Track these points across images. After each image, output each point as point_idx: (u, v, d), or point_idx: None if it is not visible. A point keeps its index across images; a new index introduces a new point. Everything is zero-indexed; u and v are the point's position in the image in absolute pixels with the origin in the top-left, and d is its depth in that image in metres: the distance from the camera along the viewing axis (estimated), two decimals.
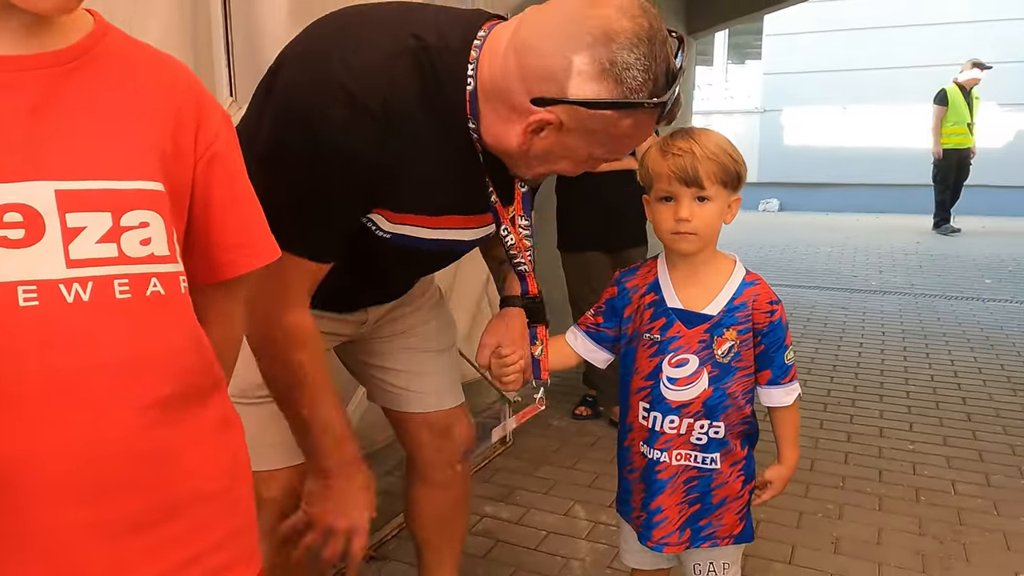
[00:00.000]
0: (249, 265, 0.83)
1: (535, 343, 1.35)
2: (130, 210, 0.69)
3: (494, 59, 1.05)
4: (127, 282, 0.69)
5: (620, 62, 0.97)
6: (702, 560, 1.44)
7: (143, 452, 0.71)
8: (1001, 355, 3.95)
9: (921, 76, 9.57)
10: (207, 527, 0.77)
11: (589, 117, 1.01)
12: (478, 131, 1.10)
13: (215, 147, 0.79)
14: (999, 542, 2.17)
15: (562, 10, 1.02)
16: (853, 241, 7.78)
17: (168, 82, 0.77)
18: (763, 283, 1.36)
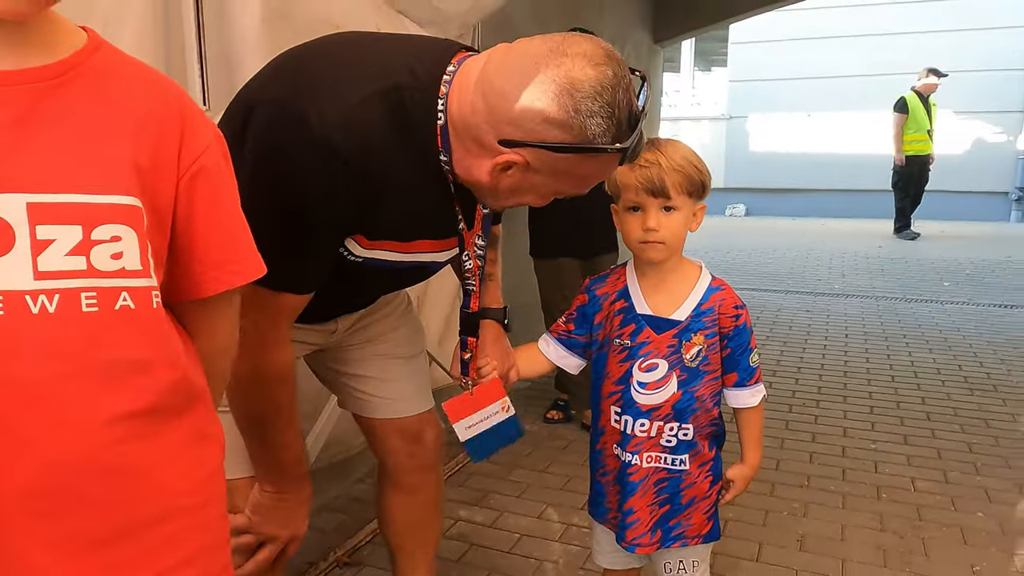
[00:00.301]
0: (232, 282, 0.83)
1: (465, 350, 1.42)
2: (101, 224, 0.69)
3: (463, 96, 1.08)
4: (95, 295, 0.69)
5: (584, 110, 1.00)
6: (672, 559, 1.48)
7: (109, 466, 0.71)
8: (958, 356, 4.08)
9: (882, 84, 9.81)
10: (175, 544, 0.77)
11: (554, 159, 1.05)
12: (450, 163, 1.13)
13: (200, 163, 0.79)
14: (956, 537, 2.25)
15: (529, 54, 1.03)
16: (817, 245, 7.95)
17: (150, 98, 0.77)
18: (728, 288, 1.41)
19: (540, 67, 1.01)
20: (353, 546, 2.21)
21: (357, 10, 1.97)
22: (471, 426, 1.45)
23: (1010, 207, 9.95)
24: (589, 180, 1.14)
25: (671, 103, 11.47)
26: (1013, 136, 9.83)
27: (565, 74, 1.00)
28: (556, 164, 1.06)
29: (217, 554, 0.83)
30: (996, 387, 3.57)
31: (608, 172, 1.14)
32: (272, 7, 1.73)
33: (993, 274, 6.33)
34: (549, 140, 1.03)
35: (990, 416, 3.20)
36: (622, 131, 1.04)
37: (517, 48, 1.06)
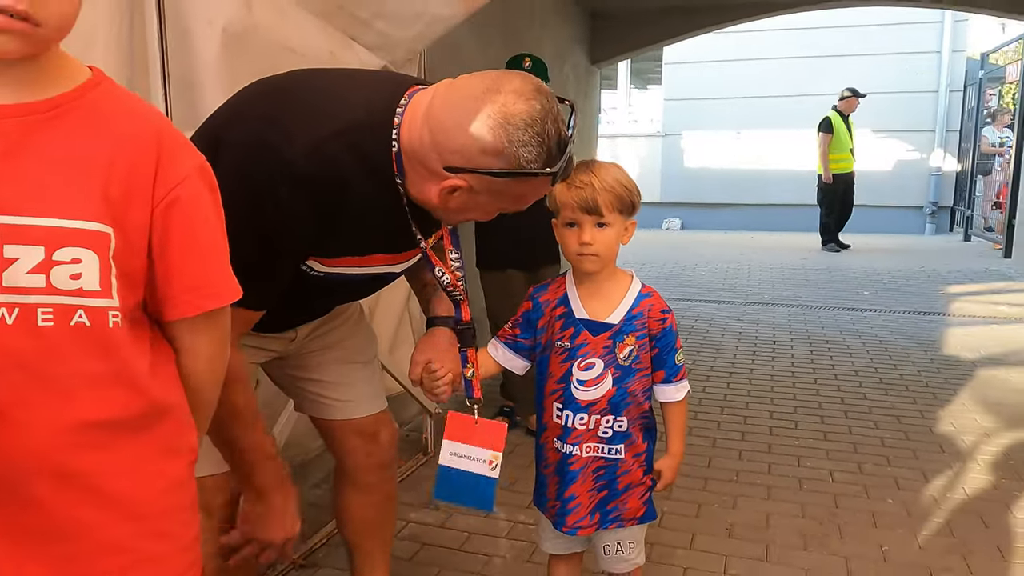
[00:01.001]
0: (205, 306, 0.88)
1: (467, 365, 1.50)
2: (64, 246, 0.75)
3: (412, 127, 1.22)
4: (51, 311, 0.76)
5: (516, 140, 1.15)
6: (611, 541, 1.62)
7: (57, 470, 0.78)
8: (875, 359, 4.37)
9: (805, 104, 10.32)
10: (126, 548, 0.83)
11: (493, 183, 1.20)
12: (404, 185, 1.27)
13: (175, 193, 0.83)
14: (868, 521, 2.46)
15: (468, 92, 1.18)
16: (747, 257, 8.30)
17: (125, 133, 0.83)
18: (656, 295, 1.57)
19: (478, 104, 1.15)
20: (309, 548, 2.29)
21: (311, 37, 2.07)
22: (455, 454, 1.51)
23: (924, 221, 10.57)
24: (527, 198, 1.29)
25: (609, 120, 11.80)
26: (926, 154, 10.46)
27: (499, 110, 1.15)
28: (495, 186, 1.21)
29: (176, 559, 0.89)
30: (907, 387, 3.85)
31: (543, 191, 1.29)
32: (231, 33, 1.83)
33: (908, 284, 6.75)
34: (487, 167, 1.17)
35: (902, 413, 3.47)
36: (552, 156, 1.19)
37: (458, 85, 1.21)
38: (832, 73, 10.08)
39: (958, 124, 10.21)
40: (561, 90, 5.52)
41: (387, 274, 1.45)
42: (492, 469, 1.51)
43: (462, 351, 1.50)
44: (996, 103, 9.81)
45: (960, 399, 3.67)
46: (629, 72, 11.99)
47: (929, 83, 10.25)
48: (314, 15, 2.11)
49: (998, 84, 9.69)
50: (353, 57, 2.22)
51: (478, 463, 1.52)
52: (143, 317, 0.87)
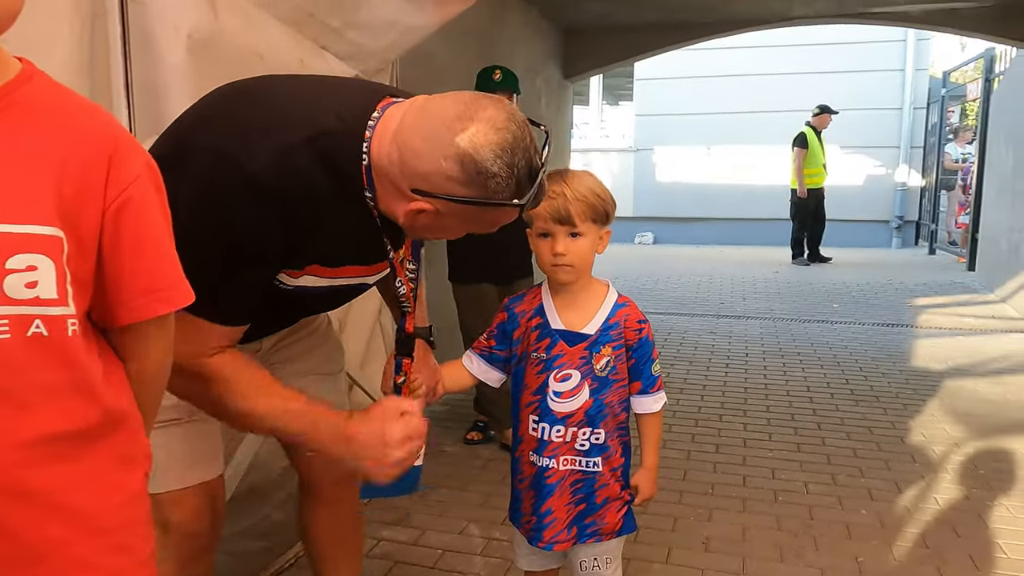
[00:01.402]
0: (159, 310, 0.85)
1: (399, 373, 1.47)
2: (17, 253, 0.71)
3: (382, 144, 1.18)
4: (7, 322, 0.71)
5: (485, 171, 1.12)
6: (587, 556, 1.59)
7: (16, 490, 0.73)
8: (846, 371, 4.41)
9: (774, 119, 10.50)
10: (88, 565, 0.79)
11: (460, 209, 1.16)
12: (374, 199, 1.23)
13: (127, 194, 0.80)
14: (843, 532, 2.46)
15: (439, 117, 1.14)
16: (719, 271, 8.37)
17: (79, 129, 0.79)
18: (633, 305, 1.55)
19: (448, 130, 1.12)
20: (277, 569, 2.22)
21: (280, 44, 2.03)
22: None
23: (891, 235, 10.76)
24: (496, 224, 1.25)
25: (581, 135, 11.87)
26: (892, 169, 10.67)
27: (469, 139, 1.12)
28: (462, 213, 1.18)
29: (135, 573, 0.85)
30: (879, 398, 3.88)
31: (512, 217, 1.24)
32: (197, 39, 1.78)
33: (876, 296, 6.85)
34: (454, 194, 1.14)
35: (873, 424, 3.49)
36: (520, 187, 1.16)
37: (430, 108, 1.17)
38: (799, 90, 10.26)
39: (922, 140, 10.44)
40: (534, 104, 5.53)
41: (359, 285, 1.41)
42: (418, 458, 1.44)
43: (397, 358, 1.46)
44: (958, 120, 10.05)
45: (930, 410, 3.70)
46: (601, 87, 12.09)
47: (893, 100, 10.47)
48: (283, 23, 2.07)
49: (959, 102, 9.93)
50: (324, 66, 2.18)
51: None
52: (90, 324, 0.83)
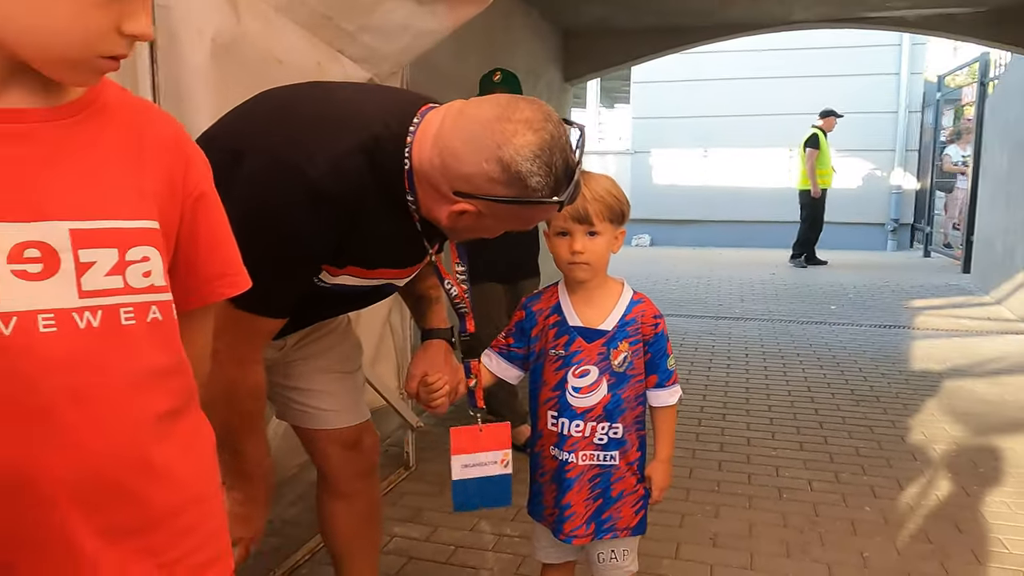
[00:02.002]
0: (227, 293, 0.93)
1: (470, 376, 1.52)
2: (134, 246, 0.78)
3: (423, 148, 1.23)
4: (132, 310, 0.78)
5: (524, 171, 1.16)
6: (604, 549, 1.63)
7: (142, 463, 0.80)
8: (846, 371, 4.46)
9: (770, 123, 10.59)
10: (192, 530, 0.86)
11: (501, 209, 1.21)
12: (416, 203, 1.28)
13: (201, 188, 0.89)
14: (848, 528, 2.50)
15: (478, 120, 1.19)
16: (716, 273, 8.42)
17: (160, 131, 0.87)
18: (648, 301, 1.59)
19: (487, 133, 1.17)
20: (292, 565, 2.25)
21: (299, 48, 2.07)
22: (467, 466, 1.53)
23: (886, 237, 10.85)
24: (533, 221, 1.31)
25: None
26: (887, 172, 10.76)
27: (508, 140, 1.16)
28: (502, 212, 1.23)
29: (222, 537, 0.92)
30: (879, 398, 3.93)
31: (550, 215, 1.31)
32: (220, 43, 1.82)
33: (873, 298, 6.91)
34: (495, 195, 1.19)
35: (874, 424, 3.54)
36: (558, 184, 1.21)
37: (468, 112, 1.21)
38: (795, 93, 10.36)
39: (917, 143, 10.53)
40: None
41: (388, 286, 1.45)
42: (505, 466, 1.54)
43: (465, 362, 1.51)
44: (952, 123, 10.13)
45: (929, 409, 3.75)
46: (599, 90, 12.16)
47: (889, 104, 10.55)
48: (301, 26, 2.11)
49: (954, 105, 10.01)
50: (339, 69, 2.22)
51: (491, 466, 1.56)
52: None
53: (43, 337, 0.72)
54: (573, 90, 7.11)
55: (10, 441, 0.72)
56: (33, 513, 0.73)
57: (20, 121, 0.75)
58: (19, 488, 0.72)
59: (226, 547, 0.93)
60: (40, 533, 0.74)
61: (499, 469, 1.53)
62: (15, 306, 0.71)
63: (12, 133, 0.74)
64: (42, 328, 0.72)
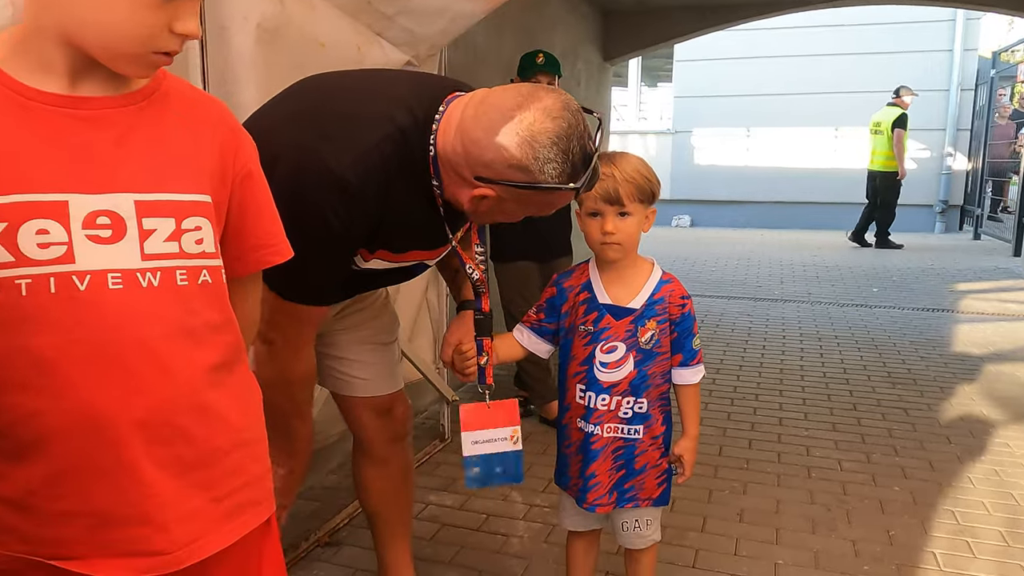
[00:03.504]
0: (272, 260, 1.03)
1: (482, 354, 1.58)
2: (188, 216, 0.89)
3: (447, 135, 1.30)
4: (185, 272, 0.88)
5: (542, 157, 1.23)
6: (628, 518, 1.69)
7: (198, 406, 0.90)
8: (884, 354, 4.42)
9: (819, 102, 10.37)
10: (239, 470, 0.96)
11: (520, 194, 1.28)
12: (440, 188, 1.36)
13: (248, 167, 0.99)
14: (875, 507, 2.52)
15: (499, 108, 1.25)
16: (757, 254, 8.35)
17: (214, 116, 0.97)
18: (676, 281, 1.63)
19: (507, 120, 1.23)
20: (332, 527, 2.37)
21: (340, 32, 2.14)
22: (477, 442, 1.58)
23: (934, 219, 10.58)
24: (552, 206, 1.36)
25: (619, 117, 11.83)
26: (937, 153, 10.47)
27: (527, 127, 1.22)
28: (521, 197, 1.29)
29: (266, 481, 1.02)
30: (915, 381, 3.91)
31: (568, 200, 1.36)
32: (266, 28, 1.90)
33: (917, 281, 6.79)
34: (514, 180, 1.25)
35: (909, 406, 3.52)
36: (575, 172, 1.27)
37: (490, 100, 1.28)
38: (843, 71, 10.12)
39: (969, 122, 10.21)
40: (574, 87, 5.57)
41: (419, 265, 1.53)
42: (515, 443, 1.59)
43: (478, 339, 1.57)
44: (1009, 101, 9.77)
45: (967, 393, 3.72)
46: (640, 69, 12.02)
47: (940, 81, 10.25)
48: (341, 10, 2.18)
49: (1010, 83, 9.67)
50: (379, 52, 2.29)
51: (501, 442, 1.60)
52: None
53: (112, 293, 0.83)
54: (614, 69, 7.07)
55: (88, 384, 0.82)
56: (106, 447, 0.83)
57: (94, 108, 0.85)
58: (96, 426, 0.82)
59: (269, 492, 1.02)
60: (110, 465, 0.84)
61: (509, 446, 1.57)
62: (89, 265, 0.81)
63: (87, 118, 0.84)
64: (111, 285, 0.83)
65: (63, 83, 0.83)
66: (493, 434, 1.60)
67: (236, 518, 0.95)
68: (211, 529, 0.91)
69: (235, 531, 0.94)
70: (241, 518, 0.96)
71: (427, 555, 2.22)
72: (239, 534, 0.95)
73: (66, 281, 0.80)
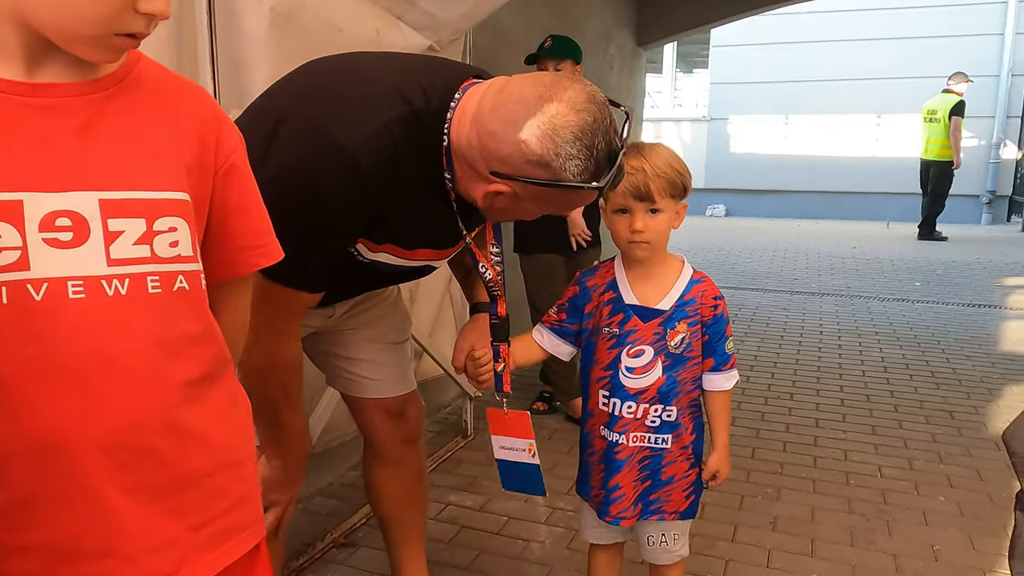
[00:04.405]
0: (259, 263, 0.94)
1: (498, 360, 1.50)
2: (161, 216, 0.80)
3: (462, 125, 1.20)
4: (158, 279, 0.80)
5: (564, 154, 1.12)
6: (654, 532, 1.59)
7: (172, 426, 0.82)
8: (927, 352, 4.24)
9: (858, 88, 10.05)
10: (222, 494, 0.88)
11: (538, 191, 1.17)
12: (452, 181, 1.25)
13: (231, 160, 0.90)
14: (918, 519, 2.39)
15: (519, 98, 1.15)
16: (794, 246, 8.13)
17: (193, 106, 0.88)
18: (708, 280, 1.52)
19: (528, 113, 1.13)
20: (349, 527, 2.31)
21: (358, 15, 2.06)
22: (504, 447, 1.54)
23: (981, 210, 10.21)
24: (572, 205, 1.27)
25: (653, 104, 11.62)
26: (986, 141, 10.08)
27: (548, 120, 1.12)
28: (540, 195, 1.19)
29: (253, 503, 0.94)
30: (961, 381, 3.73)
31: (590, 200, 1.25)
32: (279, 12, 1.82)
33: (963, 275, 6.54)
34: (533, 177, 1.15)
35: (954, 409, 3.36)
36: (599, 170, 1.16)
37: (509, 89, 1.17)
38: (887, 56, 9.78)
39: (1020, 110, 9.81)
40: (606, 73, 5.41)
41: (425, 266, 1.45)
42: (532, 456, 1.53)
43: (494, 345, 1.49)
44: None
45: (1017, 395, 3.53)
46: (675, 55, 11.78)
47: (990, 66, 9.84)
48: None
49: None
50: (399, 36, 2.20)
51: (521, 452, 1.55)
52: None
53: (73, 303, 0.74)
54: (648, 55, 6.90)
55: (44, 403, 0.74)
56: (66, 472, 0.76)
57: (53, 95, 0.76)
58: (53, 448, 0.75)
59: (257, 514, 0.95)
60: (72, 492, 0.77)
61: (527, 458, 1.52)
62: (46, 273, 0.73)
63: (46, 106, 0.75)
64: (71, 294, 0.74)
65: (19, 69, 0.74)
66: (514, 443, 1.56)
67: (219, 546, 0.87)
68: (189, 559, 0.83)
69: (218, 560, 0.86)
70: (225, 546, 0.88)
71: (444, 559, 2.15)
72: (223, 564, 0.87)
73: (20, 290, 0.72)
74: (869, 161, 10.29)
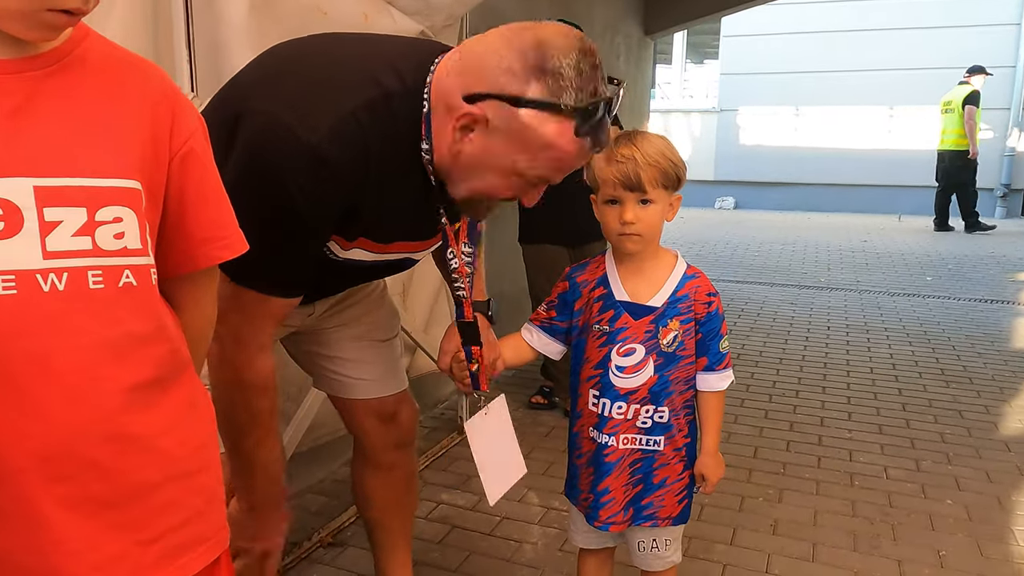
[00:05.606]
0: (221, 256, 0.88)
1: (471, 361, 1.42)
2: (105, 206, 0.73)
3: (442, 79, 1.12)
4: (101, 273, 0.73)
5: (550, 67, 1.04)
6: (645, 538, 1.53)
7: (116, 434, 0.75)
8: (937, 349, 4.15)
9: (868, 79, 9.89)
10: (174, 507, 0.82)
11: (513, 116, 1.06)
12: (430, 151, 1.15)
13: (189, 145, 0.83)
14: (924, 523, 2.31)
15: (508, 26, 1.10)
16: (803, 239, 8.01)
17: (144, 85, 0.81)
18: (703, 276, 1.45)
19: (515, 31, 1.07)
20: (337, 527, 2.25)
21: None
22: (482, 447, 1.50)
23: (995, 204, 10.04)
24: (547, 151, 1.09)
25: (663, 95, 11.50)
26: (1000, 133, 9.91)
27: (535, 35, 1.05)
28: (514, 122, 1.06)
29: (212, 517, 0.87)
30: (971, 379, 3.64)
31: (568, 147, 1.10)
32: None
33: (975, 269, 6.42)
34: (508, 91, 1.05)
35: (964, 408, 3.27)
36: (582, 97, 1.05)
37: (493, 30, 1.11)
38: (900, 47, 9.62)
39: None
40: (613, 63, 5.33)
41: (404, 260, 1.36)
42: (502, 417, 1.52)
43: (466, 348, 1.40)
44: None
45: None
46: (685, 45, 11.64)
47: (1005, 58, 9.66)
48: None
49: None
50: (388, 21, 2.12)
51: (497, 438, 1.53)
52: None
53: (4, 300, 0.68)
54: (658, 45, 6.79)
55: None
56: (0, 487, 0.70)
57: None
58: None
59: (218, 525, 0.88)
60: (5, 505, 0.71)
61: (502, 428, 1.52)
62: None
63: None
64: (2, 290, 0.68)
65: None
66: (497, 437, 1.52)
67: (173, 562, 0.81)
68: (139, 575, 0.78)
69: None
70: (179, 561, 0.82)
71: (433, 560, 2.09)
72: None
73: None
74: (881, 153, 10.15)
